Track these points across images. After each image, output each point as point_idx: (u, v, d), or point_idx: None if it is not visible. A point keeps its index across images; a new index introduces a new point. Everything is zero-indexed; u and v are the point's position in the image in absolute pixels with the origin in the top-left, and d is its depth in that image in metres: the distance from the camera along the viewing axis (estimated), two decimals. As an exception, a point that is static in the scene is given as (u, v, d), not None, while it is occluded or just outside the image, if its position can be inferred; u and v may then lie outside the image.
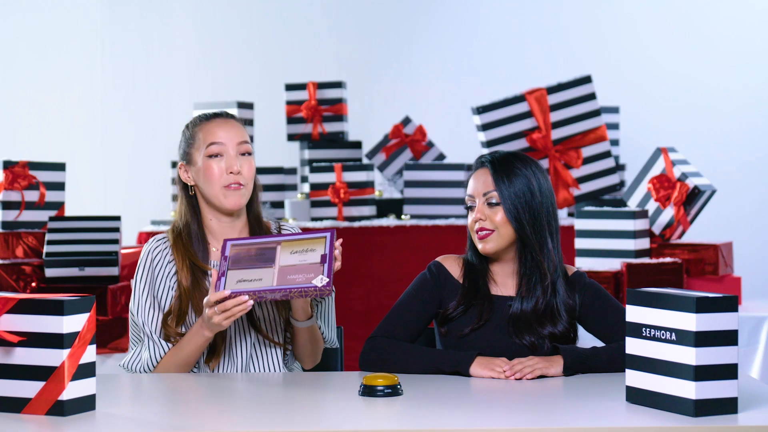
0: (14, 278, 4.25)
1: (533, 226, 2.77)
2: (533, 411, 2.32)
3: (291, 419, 2.27)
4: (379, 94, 6.57)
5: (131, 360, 2.83)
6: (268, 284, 2.57)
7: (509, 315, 2.77)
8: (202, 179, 2.82)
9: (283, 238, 2.64)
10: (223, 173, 2.79)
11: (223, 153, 2.81)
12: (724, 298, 2.19)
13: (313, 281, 2.56)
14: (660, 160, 4.40)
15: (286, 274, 2.59)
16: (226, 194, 2.80)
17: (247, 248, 2.64)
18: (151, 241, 2.86)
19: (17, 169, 4.40)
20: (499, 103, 4.81)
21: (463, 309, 2.79)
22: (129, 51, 6.61)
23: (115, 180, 6.58)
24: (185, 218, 2.86)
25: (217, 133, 2.82)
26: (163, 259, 2.83)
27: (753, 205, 6.16)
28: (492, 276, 2.83)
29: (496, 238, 2.78)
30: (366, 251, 4.84)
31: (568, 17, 6.46)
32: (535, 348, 2.74)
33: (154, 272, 2.82)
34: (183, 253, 2.81)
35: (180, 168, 2.87)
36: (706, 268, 4.31)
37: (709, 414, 2.18)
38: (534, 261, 2.77)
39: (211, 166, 2.80)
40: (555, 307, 2.77)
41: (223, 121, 2.85)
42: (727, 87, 6.24)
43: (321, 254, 2.60)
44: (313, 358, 2.88)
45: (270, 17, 6.68)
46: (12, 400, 2.25)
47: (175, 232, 2.86)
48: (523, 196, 2.77)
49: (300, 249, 2.62)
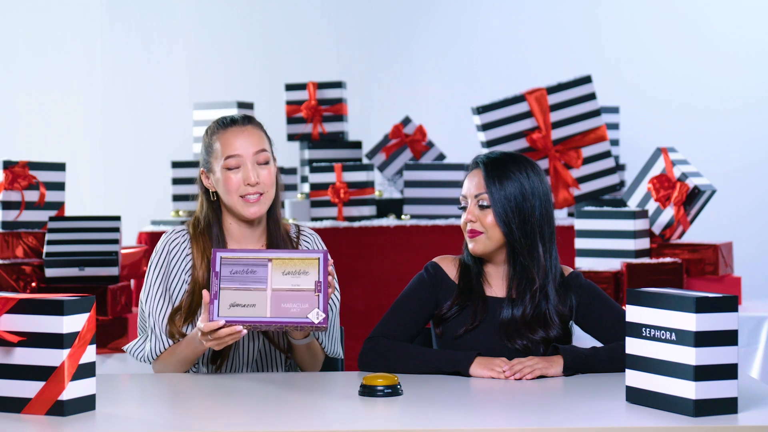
0: (14, 278, 4.25)
1: (522, 230, 2.75)
2: (533, 411, 2.32)
3: (291, 419, 2.27)
4: (379, 94, 6.57)
5: (135, 347, 2.85)
6: (262, 313, 2.57)
7: (499, 321, 2.76)
8: (222, 189, 2.82)
9: (273, 254, 2.62)
10: (241, 184, 2.79)
11: (241, 164, 2.80)
12: (724, 298, 2.19)
13: (308, 315, 2.57)
14: (660, 160, 4.40)
15: (280, 301, 2.58)
16: (244, 205, 2.80)
17: (236, 261, 2.62)
18: (170, 233, 2.85)
19: (17, 169, 4.40)
20: (499, 103, 4.81)
21: (458, 310, 2.79)
22: (129, 51, 6.60)
23: (115, 180, 6.58)
24: (207, 218, 2.85)
25: (233, 144, 2.80)
26: (181, 252, 2.83)
27: (753, 205, 6.16)
28: (486, 277, 2.83)
29: (485, 240, 2.77)
30: (366, 251, 4.84)
31: (568, 17, 6.46)
32: (528, 351, 2.73)
33: (170, 265, 2.82)
34: (203, 249, 2.81)
35: (201, 174, 2.87)
36: (706, 268, 4.30)
37: (709, 414, 2.18)
38: (523, 265, 2.77)
39: (229, 178, 2.79)
40: (546, 313, 2.76)
41: (239, 129, 2.82)
42: (727, 87, 6.24)
43: (315, 280, 2.60)
44: (313, 369, 2.88)
45: (270, 17, 6.68)
46: (12, 400, 2.25)
47: (197, 227, 2.85)
48: (514, 199, 2.75)
49: (292, 270, 2.61)
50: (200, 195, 2.89)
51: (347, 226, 4.89)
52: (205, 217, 2.86)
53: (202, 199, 2.88)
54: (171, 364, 2.77)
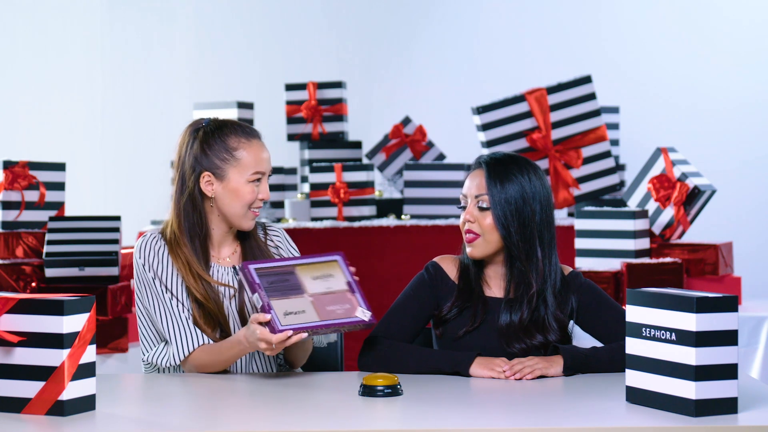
0: (14, 278, 4.25)
1: (521, 234, 2.73)
2: (533, 411, 2.32)
3: (291, 419, 2.27)
4: (379, 94, 6.57)
5: (157, 356, 2.78)
6: (313, 318, 2.61)
7: (498, 325, 2.76)
8: (231, 197, 2.79)
9: (293, 261, 2.65)
10: (255, 198, 2.80)
11: (261, 178, 2.82)
12: (724, 298, 2.19)
13: (356, 314, 2.63)
14: (660, 160, 4.40)
15: (323, 304, 2.63)
16: (248, 216, 2.81)
17: (268, 271, 2.63)
18: (143, 244, 2.80)
19: (17, 169, 4.40)
20: (499, 103, 4.81)
21: (458, 311, 2.78)
22: (129, 51, 6.60)
23: (115, 180, 6.58)
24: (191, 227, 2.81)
25: (262, 159, 2.81)
26: (163, 258, 2.81)
27: (753, 205, 6.16)
28: (485, 278, 2.82)
29: (482, 243, 2.76)
30: (366, 251, 4.84)
31: (568, 17, 6.46)
32: (527, 355, 2.72)
33: (157, 269, 2.79)
34: (184, 261, 2.79)
35: (203, 178, 2.79)
36: (706, 268, 4.31)
37: (709, 414, 2.18)
38: (520, 269, 2.76)
39: (251, 190, 2.79)
40: (545, 318, 2.75)
41: (261, 144, 2.84)
42: (727, 87, 6.23)
43: (345, 281, 2.65)
44: (302, 363, 2.89)
45: (270, 17, 6.68)
46: (12, 400, 2.25)
47: (171, 239, 2.80)
48: (514, 203, 2.73)
49: (318, 274, 2.66)
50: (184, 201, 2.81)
51: (347, 226, 4.89)
52: (191, 227, 2.80)
53: (187, 208, 2.80)
54: (212, 363, 2.72)
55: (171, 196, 2.88)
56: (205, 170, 2.80)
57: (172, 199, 2.85)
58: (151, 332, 2.82)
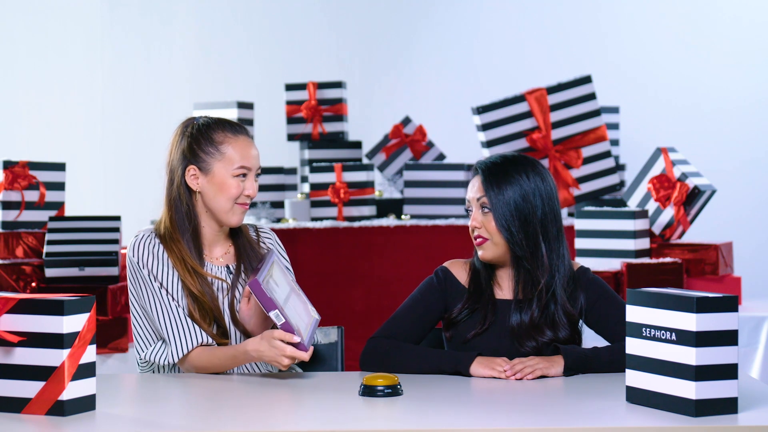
0: (14, 278, 4.25)
1: (524, 232, 2.74)
2: (533, 411, 2.32)
3: (291, 419, 2.27)
4: (379, 94, 6.57)
5: (154, 354, 2.78)
6: (309, 320, 2.71)
7: (509, 325, 2.76)
8: (215, 191, 2.80)
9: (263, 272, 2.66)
10: (241, 193, 2.80)
11: (248, 174, 2.81)
12: (724, 298, 2.19)
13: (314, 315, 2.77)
14: (660, 160, 4.40)
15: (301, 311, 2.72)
16: (234, 211, 2.81)
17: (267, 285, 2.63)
18: (137, 242, 2.81)
19: (17, 169, 4.40)
20: (499, 103, 4.81)
21: (468, 313, 2.78)
22: (129, 51, 6.60)
23: (115, 180, 6.58)
24: (182, 222, 2.83)
25: (248, 155, 2.81)
26: (159, 255, 2.81)
27: (753, 205, 6.16)
28: (497, 280, 2.82)
29: (491, 246, 2.77)
30: (366, 251, 4.84)
31: (568, 17, 6.46)
32: (538, 354, 2.72)
33: (152, 267, 2.79)
34: (179, 256, 2.79)
35: (188, 172, 2.82)
36: (706, 268, 4.31)
37: (709, 414, 2.18)
38: (526, 268, 2.76)
39: (236, 185, 2.79)
40: (555, 314, 2.75)
41: (249, 140, 2.84)
42: (727, 87, 6.23)
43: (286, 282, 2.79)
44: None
45: (270, 17, 6.68)
46: (12, 400, 2.25)
47: (165, 235, 2.82)
48: (514, 203, 2.74)
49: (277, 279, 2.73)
50: (174, 198, 2.84)
51: (347, 226, 4.89)
52: (180, 220, 2.82)
53: (176, 202, 2.83)
54: (210, 367, 2.72)
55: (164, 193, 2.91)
56: (191, 164, 2.83)
57: (164, 197, 2.88)
58: (147, 331, 2.82)
